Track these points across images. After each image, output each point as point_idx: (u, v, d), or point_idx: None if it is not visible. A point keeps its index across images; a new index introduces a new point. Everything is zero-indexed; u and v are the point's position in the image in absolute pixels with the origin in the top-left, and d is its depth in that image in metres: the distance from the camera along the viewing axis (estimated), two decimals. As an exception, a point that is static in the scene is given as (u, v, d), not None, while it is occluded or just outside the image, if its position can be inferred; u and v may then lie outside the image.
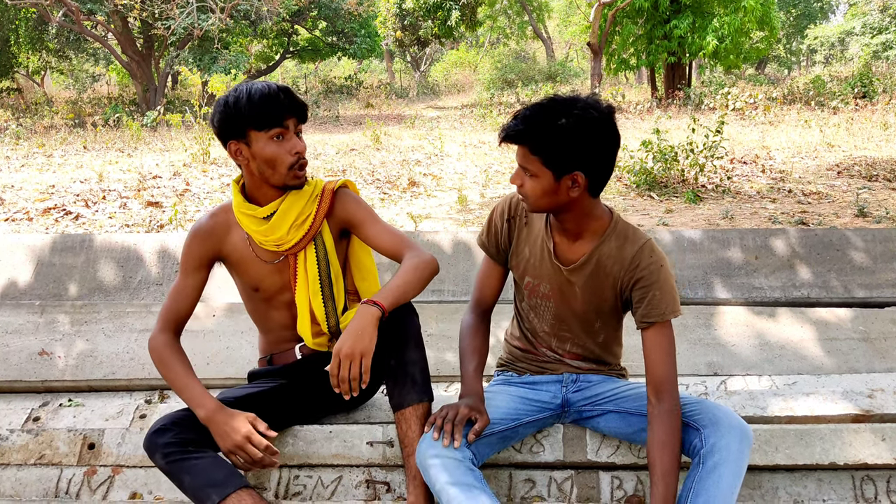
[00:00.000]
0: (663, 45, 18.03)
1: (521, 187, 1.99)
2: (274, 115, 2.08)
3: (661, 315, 1.99)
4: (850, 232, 3.48)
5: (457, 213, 6.16)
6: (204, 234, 2.25)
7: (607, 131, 1.91)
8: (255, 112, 2.06)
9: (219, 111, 2.11)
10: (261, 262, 2.25)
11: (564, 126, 1.86)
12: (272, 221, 2.18)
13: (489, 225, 2.23)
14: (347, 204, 2.29)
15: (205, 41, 18.60)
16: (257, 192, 2.21)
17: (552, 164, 1.90)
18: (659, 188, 6.88)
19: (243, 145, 2.11)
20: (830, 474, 2.20)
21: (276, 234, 2.19)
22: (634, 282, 2.03)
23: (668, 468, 1.88)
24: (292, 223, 2.19)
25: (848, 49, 36.10)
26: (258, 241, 2.22)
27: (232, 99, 2.09)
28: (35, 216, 5.96)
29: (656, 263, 2.01)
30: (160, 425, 1.99)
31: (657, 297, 1.99)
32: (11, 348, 3.02)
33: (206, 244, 2.26)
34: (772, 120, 13.06)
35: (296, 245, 2.22)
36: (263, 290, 2.29)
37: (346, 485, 2.25)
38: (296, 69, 36.63)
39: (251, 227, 2.20)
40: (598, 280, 2.08)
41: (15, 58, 22.56)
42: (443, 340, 3.07)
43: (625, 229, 2.08)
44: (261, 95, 2.07)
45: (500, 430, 2.10)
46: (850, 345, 3.01)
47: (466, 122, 15.51)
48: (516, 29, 33.08)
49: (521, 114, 1.93)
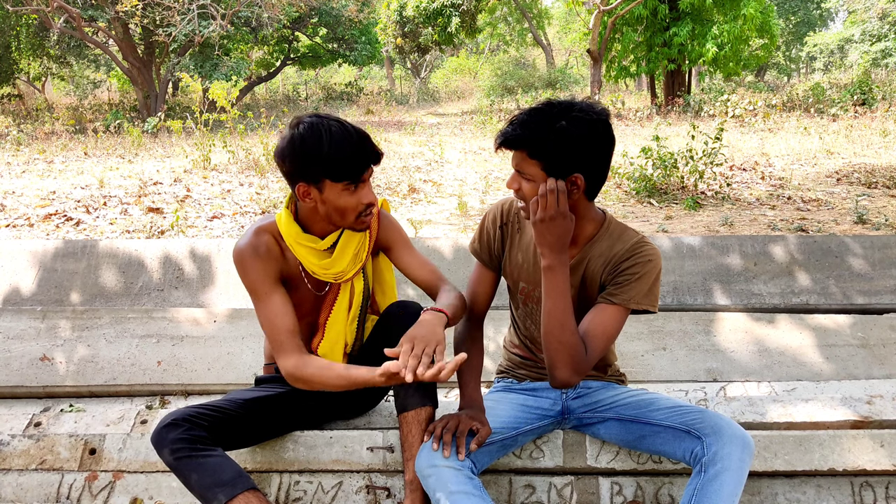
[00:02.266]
0: (663, 52, 18.09)
1: (517, 191, 1.99)
2: (356, 170, 1.99)
3: (626, 300, 1.99)
4: (849, 239, 3.49)
5: (457, 220, 6.17)
6: (264, 251, 2.12)
7: (604, 133, 1.92)
8: (336, 163, 1.96)
9: (292, 151, 1.98)
10: (309, 290, 2.20)
11: (564, 129, 1.87)
12: (334, 255, 2.13)
13: (481, 232, 2.23)
14: (388, 229, 2.28)
15: (206, 48, 18.64)
16: (315, 225, 2.13)
17: (551, 167, 1.90)
18: (658, 195, 6.89)
19: (314, 189, 2.02)
20: (829, 480, 2.20)
21: (338, 267, 2.15)
22: (617, 272, 2.02)
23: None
24: (353, 255, 2.17)
25: (847, 56, 36.14)
26: (312, 272, 2.16)
27: (310, 141, 1.95)
28: (36, 222, 5.97)
29: (645, 257, 2.01)
30: (171, 420, 1.97)
31: (633, 285, 1.99)
32: (13, 353, 3.03)
33: (268, 263, 2.12)
34: (771, 127, 13.09)
35: (352, 275, 2.21)
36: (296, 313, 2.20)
37: (347, 490, 2.26)
38: (296, 76, 36.70)
39: (310, 259, 2.13)
40: (588, 282, 2.08)
41: (16, 64, 22.59)
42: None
43: (617, 229, 2.09)
44: (342, 145, 1.96)
45: (500, 438, 2.10)
46: (849, 351, 3.01)
47: (466, 128, 15.54)
48: (516, 36, 33.18)
49: (519, 118, 1.92)
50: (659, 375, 2.96)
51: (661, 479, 2.23)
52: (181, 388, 2.94)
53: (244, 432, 2.15)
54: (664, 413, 2.03)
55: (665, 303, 3.34)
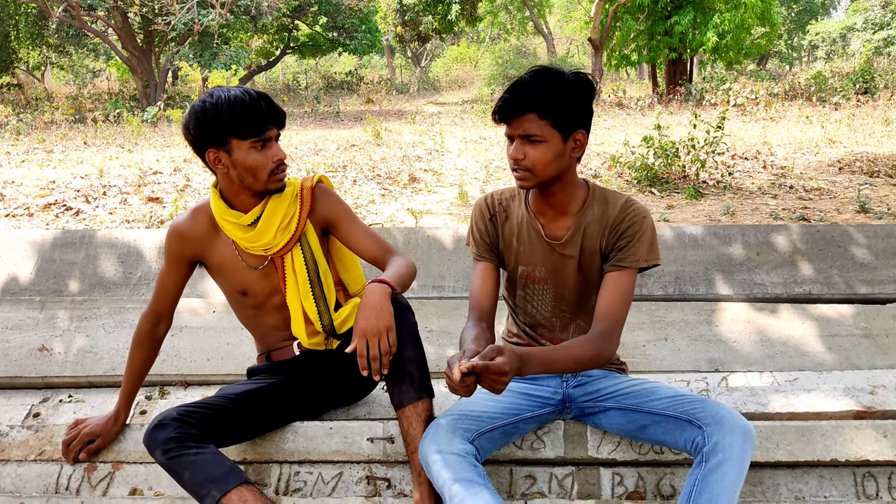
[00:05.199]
0: (664, 40, 18.01)
1: (522, 160, 2.01)
2: (257, 124, 2.05)
3: (635, 261, 2.05)
4: (851, 228, 3.48)
5: (457, 209, 6.15)
6: (182, 234, 2.24)
7: (593, 91, 2.04)
8: (238, 120, 2.03)
9: (195, 118, 2.06)
10: (248, 267, 2.24)
11: (568, 85, 1.97)
12: (258, 227, 2.17)
13: (474, 230, 2.24)
14: (328, 201, 2.29)
15: (205, 37, 18.59)
16: (236, 199, 2.19)
17: (562, 124, 1.97)
18: (660, 184, 6.87)
19: (223, 153, 2.08)
20: (832, 471, 2.19)
21: (264, 238, 2.18)
22: (618, 236, 2.07)
23: (566, 354, 1.91)
24: (278, 226, 2.19)
25: (849, 45, 36.02)
26: (244, 247, 2.21)
27: (210, 106, 2.03)
28: (35, 212, 5.96)
29: (639, 215, 2.07)
30: (159, 420, 1.98)
31: (636, 246, 2.05)
32: (11, 344, 3.02)
33: (185, 245, 2.25)
34: (773, 116, 13.05)
35: (283, 248, 2.22)
36: (252, 296, 2.28)
37: (347, 481, 2.25)
38: (296, 65, 36.60)
39: (236, 234, 2.19)
40: (588, 250, 2.12)
41: (15, 53, 22.52)
42: (444, 337, 3.07)
43: (603, 194, 2.14)
44: (242, 103, 2.03)
45: (501, 424, 2.09)
46: (852, 341, 3.00)
47: (467, 117, 15.50)
48: (517, 24, 33.01)
49: (519, 84, 1.98)
50: (660, 366, 2.95)
51: (662, 469, 2.22)
52: (180, 379, 2.93)
53: (237, 427, 2.15)
54: (665, 402, 2.02)
55: (667, 293, 3.32)
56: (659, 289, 3.34)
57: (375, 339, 1.94)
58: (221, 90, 2.06)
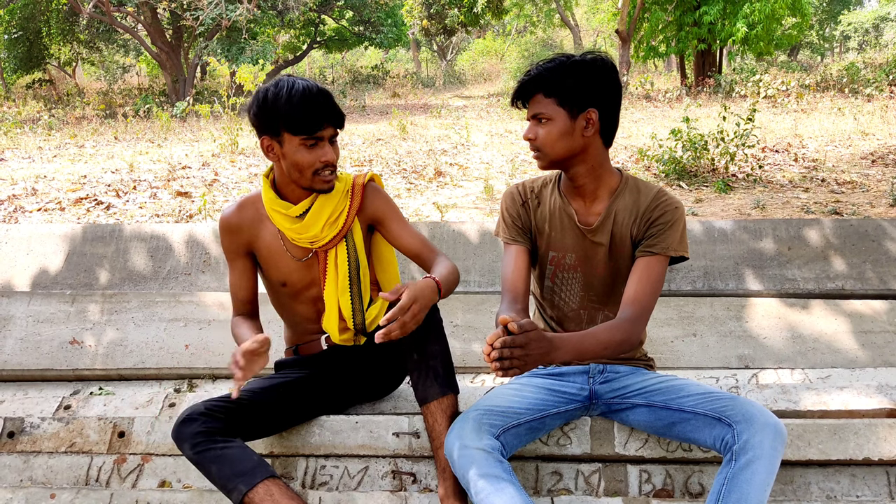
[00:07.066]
0: (693, 31, 17.77)
1: (534, 141, 2.06)
2: (310, 123, 2.04)
3: (665, 248, 2.05)
4: (885, 222, 3.41)
5: (483, 203, 6.13)
6: (233, 227, 2.27)
7: (613, 70, 2.04)
8: (292, 114, 2.02)
9: (256, 104, 2.08)
10: (291, 258, 2.26)
11: (576, 63, 2.00)
12: (306, 220, 2.18)
13: (505, 215, 2.23)
14: (377, 200, 2.29)
15: (233, 32, 18.67)
16: (287, 189, 2.20)
17: (567, 101, 2.00)
18: (688, 177, 6.79)
19: (276, 143, 2.10)
20: (864, 470, 2.15)
21: (311, 231, 2.19)
22: (650, 224, 2.08)
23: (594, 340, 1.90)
24: (326, 221, 2.19)
25: (882, 35, 35.31)
26: (290, 238, 2.22)
27: (272, 94, 2.04)
28: (67, 206, 6.04)
29: (671, 205, 2.08)
30: (187, 415, 2.00)
31: (667, 233, 2.06)
32: (43, 337, 3.06)
33: (236, 236, 2.28)
34: (804, 108, 12.83)
35: (329, 242, 2.22)
36: (291, 286, 2.30)
37: (373, 475, 2.26)
38: (322, 59, 36.68)
39: (284, 224, 2.20)
40: (618, 237, 2.12)
41: (46, 49, 22.82)
42: (469, 331, 3.06)
43: (636, 183, 2.15)
44: (300, 98, 2.02)
45: (527, 420, 2.08)
46: (886, 338, 2.94)
47: (493, 111, 15.44)
48: (543, 17, 32.77)
49: (534, 68, 2.05)
50: (689, 362, 2.91)
51: (690, 467, 2.19)
52: (209, 372, 2.96)
53: (264, 421, 2.16)
54: (694, 399, 2.00)
55: (696, 288, 3.28)
56: (687, 284, 3.30)
57: (417, 312, 1.92)
58: (288, 80, 2.07)
